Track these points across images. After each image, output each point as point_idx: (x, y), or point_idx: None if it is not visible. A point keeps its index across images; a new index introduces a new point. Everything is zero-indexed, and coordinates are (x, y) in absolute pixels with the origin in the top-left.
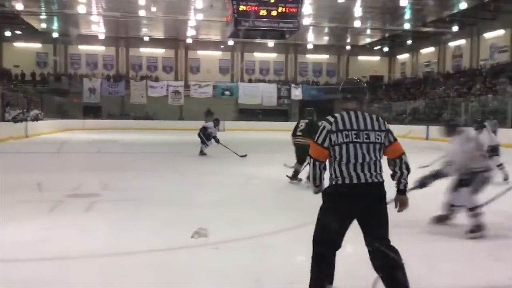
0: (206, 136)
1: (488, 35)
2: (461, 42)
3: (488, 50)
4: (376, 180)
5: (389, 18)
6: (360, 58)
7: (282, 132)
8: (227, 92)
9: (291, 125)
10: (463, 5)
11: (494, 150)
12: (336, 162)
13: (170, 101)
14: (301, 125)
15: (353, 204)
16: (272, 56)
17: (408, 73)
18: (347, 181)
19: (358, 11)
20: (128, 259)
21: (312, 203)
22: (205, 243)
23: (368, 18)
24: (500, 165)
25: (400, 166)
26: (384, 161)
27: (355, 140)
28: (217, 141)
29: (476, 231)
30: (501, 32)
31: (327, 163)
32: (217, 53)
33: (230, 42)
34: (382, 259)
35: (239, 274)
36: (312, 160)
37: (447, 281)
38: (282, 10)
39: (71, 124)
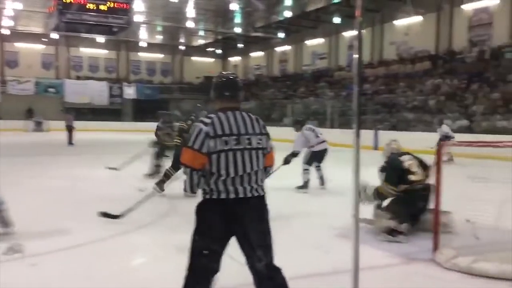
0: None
1: (310, 42)
2: (287, 48)
3: (310, 56)
4: (257, 194)
5: (221, 21)
6: (195, 58)
7: (115, 133)
8: (51, 89)
9: (124, 125)
10: (288, 13)
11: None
12: (211, 173)
13: None
14: (181, 125)
15: (231, 223)
16: (103, 52)
17: (240, 75)
18: (223, 195)
19: (191, 12)
20: None
21: (147, 209)
22: (20, 258)
23: (201, 19)
24: (306, 170)
25: (265, 176)
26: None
27: (235, 147)
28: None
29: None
30: (321, 40)
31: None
32: (39, 47)
33: (54, 35)
34: (265, 281)
35: None
36: (187, 169)
37: None
38: (112, 5)
39: None
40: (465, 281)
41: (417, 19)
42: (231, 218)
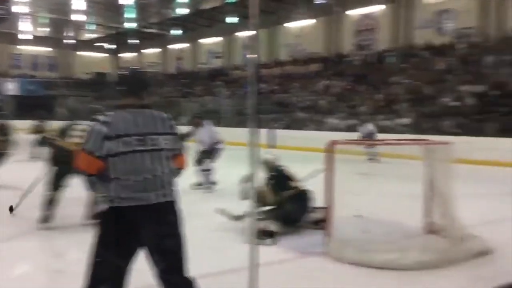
0: None
1: (206, 41)
2: (183, 45)
3: (206, 55)
4: (166, 200)
5: (113, 15)
6: (84, 53)
7: None
8: None
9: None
10: (183, 11)
11: (206, 153)
12: (113, 178)
13: None
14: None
15: (136, 232)
16: None
17: None
18: (128, 203)
19: (80, 4)
20: None
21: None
22: None
23: (91, 13)
24: (207, 170)
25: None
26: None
27: (139, 148)
28: None
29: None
30: (217, 39)
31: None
32: None
33: None
34: (163, 285)
35: None
36: (82, 174)
37: None
38: None
39: None
40: (353, 272)
41: (310, 22)
42: (135, 227)
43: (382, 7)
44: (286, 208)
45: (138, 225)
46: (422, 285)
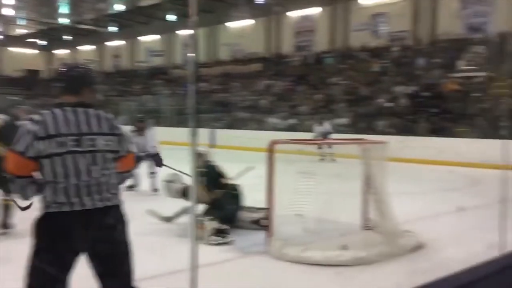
0: None
1: (144, 38)
2: (120, 43)
3: (144, 53)
4: (108, 204)
5: (46, 10)
6: (14, 49)
7: None
8: None
9: None
10: (120, 7)
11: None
12: (47, 181)
13: None
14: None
15: (75, 240)
16: None
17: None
18: (65, 208)
19: None
20: None
21: None
22: None
23: (22, 7)
24: (152, 173)
25: (121, 182)
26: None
27: (75, 149)
28: None
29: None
30: (156, 37)
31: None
32: None
33: None
34: None
35: None
36: (10, 177)
37: None
38: None
39: None
40: (294, 269)
41: (249, 22)
42: (72, 234)
43: (319, 9)
44: (222, 207)
45: (75, 231)
46: (361, 280)
